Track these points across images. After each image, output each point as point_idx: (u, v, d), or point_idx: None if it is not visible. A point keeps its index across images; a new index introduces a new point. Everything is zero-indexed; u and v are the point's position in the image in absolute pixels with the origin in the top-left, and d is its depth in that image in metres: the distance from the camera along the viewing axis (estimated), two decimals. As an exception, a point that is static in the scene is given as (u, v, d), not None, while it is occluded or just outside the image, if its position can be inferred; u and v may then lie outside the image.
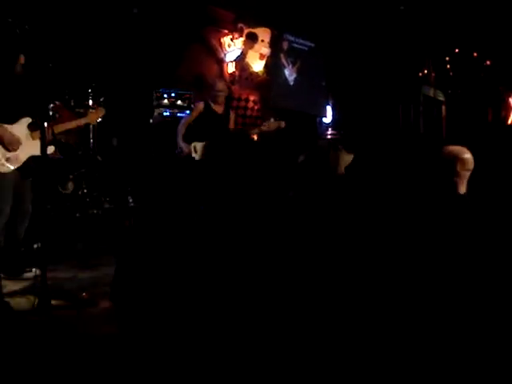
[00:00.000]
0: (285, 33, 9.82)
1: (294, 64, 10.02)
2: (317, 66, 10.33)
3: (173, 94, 7.54)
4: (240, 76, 9.19)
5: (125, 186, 6.98)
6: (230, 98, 7.23)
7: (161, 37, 8.35)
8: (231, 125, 6.59)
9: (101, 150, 6.97)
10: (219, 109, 6.47)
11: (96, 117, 5.03)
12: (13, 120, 4.27)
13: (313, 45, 10.26)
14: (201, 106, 6.46)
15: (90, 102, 6.58)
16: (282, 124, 6.68)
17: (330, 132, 10.14)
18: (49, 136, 4.21)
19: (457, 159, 3.29)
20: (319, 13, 9.71)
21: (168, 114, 7.54)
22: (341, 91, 10.41)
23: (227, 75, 9.19)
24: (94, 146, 6.80)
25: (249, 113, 9.11)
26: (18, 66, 4.30)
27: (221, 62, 9.29)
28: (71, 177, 6.44)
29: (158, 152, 7.26)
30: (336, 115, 10.67)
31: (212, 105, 6.44)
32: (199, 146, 6.21)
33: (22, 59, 4.30)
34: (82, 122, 4.87)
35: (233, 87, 8.71)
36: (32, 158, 4.37)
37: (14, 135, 4.23)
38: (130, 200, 6.85)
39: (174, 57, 8.68)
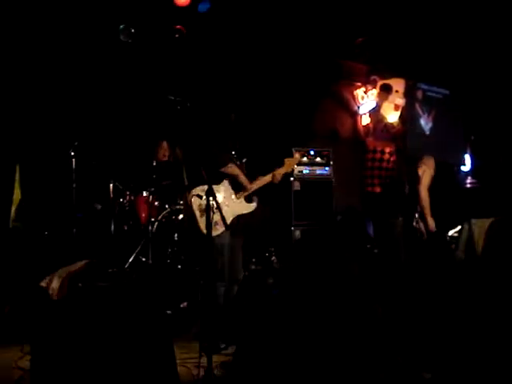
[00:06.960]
0: (419, 82, 9.60)
1: (429, 113, 9.75)
2: (453, 114, 9.99)
3: (312, 152, 7.52)
4: (375, 128, 9.05)
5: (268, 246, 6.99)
6: (365, 151, 7.11)
7: (294, 93, 8.44)
8: None
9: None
10: None
11: (292, 163, 5.08)
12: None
13: (448, 92, 9.95)
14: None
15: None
16: None
17: (469, 181, 9.73)
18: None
19: None
20: (453, 60, 9.46)
21: (308, 171, 7.52)
22: (480, 138, 10.00)
23: (361, 128, 9.11)
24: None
25: (384, 165, 8.90)
26: None
27: (354, 115, 9.24)
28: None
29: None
30: (475, 163, 10.23)
31: None
32: None
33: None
34: (280, 171, 4.95)
35: (367, 140, 8.60)
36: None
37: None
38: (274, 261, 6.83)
39: (307, 112, 8.72)
